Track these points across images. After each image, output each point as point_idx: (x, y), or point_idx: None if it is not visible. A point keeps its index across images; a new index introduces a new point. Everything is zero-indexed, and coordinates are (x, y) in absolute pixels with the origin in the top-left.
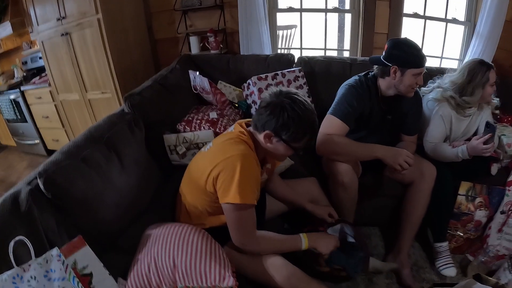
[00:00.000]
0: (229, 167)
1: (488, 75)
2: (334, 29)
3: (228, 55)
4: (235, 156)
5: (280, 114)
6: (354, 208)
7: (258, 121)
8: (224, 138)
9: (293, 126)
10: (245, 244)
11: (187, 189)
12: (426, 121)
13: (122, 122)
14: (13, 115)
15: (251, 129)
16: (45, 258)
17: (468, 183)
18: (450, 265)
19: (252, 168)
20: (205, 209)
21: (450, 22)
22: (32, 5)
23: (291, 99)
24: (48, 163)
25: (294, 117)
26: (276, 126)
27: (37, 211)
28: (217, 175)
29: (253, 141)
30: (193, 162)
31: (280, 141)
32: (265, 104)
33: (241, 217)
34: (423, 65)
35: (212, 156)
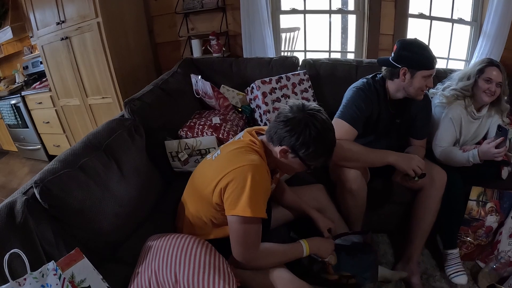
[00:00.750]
0: (239, 177)
1: (485, 68)
2: (337, 31)
3: (231, 59)
4: (247, 166)
5: (301, 132)
6: (362, 215)
7: (275, 134)
8: (234, 146)
9: (313, 145)
10: (247, 259)
11: (191, 198)
12: (435, 125)
13: (122, 129)
14: (14, 120)
15: (264, 139)
16: (41, 272)
17: (479, 188)
18: (461, 273)
19: (264, 180)
20: (209, 220)
21: (456, 23)
22: (32, 9)
23: (313, 117)
24: (44, 172)
25: (316, 136)
26: (295, 143)
27: (33, 222)
28: (225, 185)
29: (265, 151)
30: (198, 171)
31: (296, 157)
32: (285, 118)
33: (247, 231)
34: (433, 67)
35: (221, 165)
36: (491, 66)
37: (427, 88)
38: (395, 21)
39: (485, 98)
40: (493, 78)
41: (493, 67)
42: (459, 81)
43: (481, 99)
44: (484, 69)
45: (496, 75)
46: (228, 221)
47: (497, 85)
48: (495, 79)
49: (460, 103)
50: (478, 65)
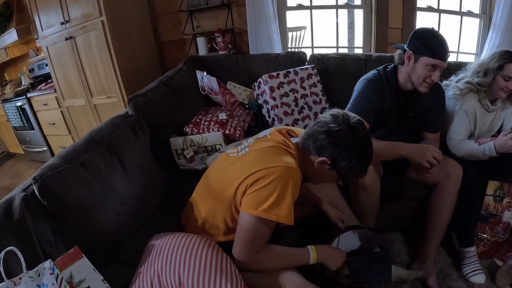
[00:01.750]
0: (271, 176)
1: (504, 65)
2: (344, 27)
3: (237, 55)
4: (281, 167)
5: (347, 146)
6: (376, 212)
7: (315, 143)
8: (265, 144)
9: (355, 160)
10: (246, 260)
11: (205, 198)
12: (449, 118)
13: (125, 125)
14: (20, 122)
15: (299, 143)
16: (37, 271)
17: (495, 182)
18: (478, 272)
19: (296, 185)
20: (224, 222)
21: (465, 15)
22: (36, 10)
23: (359, 131)
24: (44, 168)
25: (359, 151)
26: (337, 156)
27: (31, 219)
28: (252, 182)
29: (297, 155)
30: (215, 168)
31: (333, 169)
32: (329, 129)
33: (258, 233)
34: (438, 57)
35: (250, 162)
36: (511, 63)
37: (431, 82)
38: (404, 14)
39: (502, 95)
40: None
41: None
42: (475, 74)
43: (498, 95)
44: (504, 66)
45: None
46: (241, 217)
47: None
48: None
49: (474, 95)
50: (497, 60)
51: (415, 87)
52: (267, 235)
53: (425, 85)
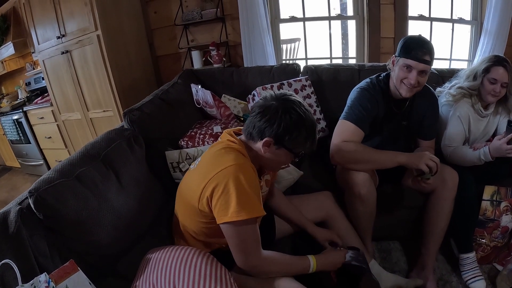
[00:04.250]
0: (223, 181)
1: (490, 67)
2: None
3: (231, 68)
4: (229, 168)
5: (281, 118)
6: (372, 222)
7: (254, 128)
8: (213, 150)
9: (296, 130)
10: (251, 266)
11: (181, 211)
12: (443, 124)
13: (121, 139)
14: (16, 136)
15: (243, 138)
16: (33, 284)
17: (492, 187)
18: (478, 278)
19: (250, 177)
20: (202, 232)
21: (457, 22)
22: (33, 24)
23: (290, 101)
24: (40, 181)
25: (297, 119)
26: (277, 132)
27: (26, 232)
28: (211, 193)
29: (247, 150)
30: (183, 182)
31: (280, 148)
32: (262, 109)
33: (244, 235)
34: (412, 58)
35: (202, 171)
36: (497, 66)
37: (409, 83)
38: (395, 23)
39: (490, 99)
40: (498, 79)
41: (499, 66)
42: (466, 79)
43: (486, 99)
44: (490, 68)
45: (502, 75)
46: (222, 229)
47: (502, 85)
48: (500, 80)
49: (467, 100)
50: (484, 63)
51: (398, 90)
52: (253, 232)
53: (404, 88)
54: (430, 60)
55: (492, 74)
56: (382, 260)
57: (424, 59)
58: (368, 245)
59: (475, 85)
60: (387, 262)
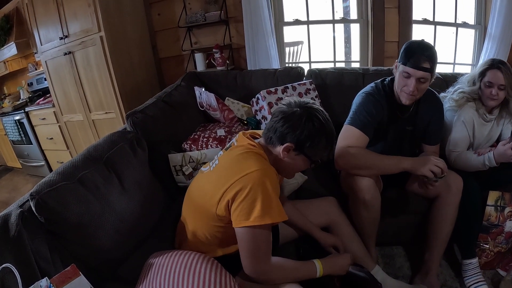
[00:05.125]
0: (248, 185)
1: (486, 71)
2: (340, 41)
3: (235, 71)
4: (255, 172)
5: (305, 125)
6: (377, 227)
7: (275, 133)
8: (233, 153)
9: (317, 137)
10: (260, 272)
11: (191, 216)
12: (447, 129)
13: (123, 141)
14: (18, 136)
15: (262, 142)
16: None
17: (496, 192)
18: (481, 284)
19: (275, 182)
20: (214, 237)
21: (461, 27)
22: (36, 25)
23: (313, 109)
24: (41, 184)
25: (320, 127)
26: (299, 138)
27: (27, 236)
28: (233, 196)
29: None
30: (195, 185)
31: (300, 154)
32: (285, 115)
33: (260, 241)
34: (411, 65)
35: (223, 174)
36: (492, 69)
37: (408, 91)
38: (400, 27)
39: (489, 103)
40: (493, 82)
41: (494, 69)
42: (468, 84)
43: (486, 103)
44: (486, 72)
45: (497, 78)
46: (237, 233)
47: (499, 88)
48: (496, 82)
49: (471, 105)
50: (481, 67)
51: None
52: (267, 238)
53: (404, 95)
54: (430, 68)
55: (487, 77)
56: (386, 266)
57: (422, 66)
58: (372, 251)
59: (474, 89)
60: (391, 268)
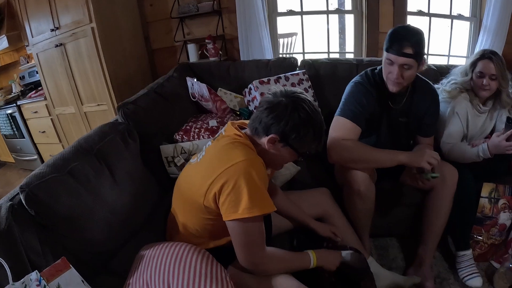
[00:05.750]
0: (234, 177)
1: (477, 62)
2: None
3: (228, 62)
4: (240, 163)
5: (290, 116)
6: (371, 218)
7: (260, 124)
8: (219, 144)
9: (303, 129)
10: (255, 264)
11: (181, 208)
12: (441, 121)
13: (115, 133)
14: (10, 130)
15: (248, 132)
16: (24, 282)
17: (490, 184)
18: (475, 275)
19: (261, 172)
20: (206, 230)
21: (456, 19)
22: (27, 17)
23: (300, 99)
24: (31, 177)
25: (306, 118)
26: (284, 129)
27: (18, 229)
28: (220, 189)
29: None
30: (183, 177)
31: (286, 146)
32: (270, 105)
33: (252, 233)
34: (392, 51)
35: (209, 166)
36: (483, 59)
37: (392, 77)
38: (394, 19)
39: (482, 93)
40: (484, 72)
41: (485, 60)
42: (461, 75)
43: (479, 94)
44: (477, 62)
45: (488, 68)
46: (228, 226)
47: (490, 78)
48: (487, 72)
49: (464, 96)
50: (472, 57)
51: None
52: (260, 229)
53: (390, 83)
54: (413, 53)
55: (479, 67)
56: (379, 257)
57: (404, 52)
58: (366, 242)
59: (465, 80)
60: (384, 259)
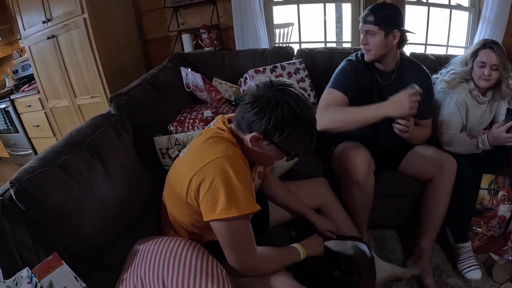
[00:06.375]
0: (210, 175)
1: (478, 51)
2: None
3: (223, 52)
4: (217, 160)
5: (273, 112)
6: (369, 209)
7: (243, 120)
8: (201, 139)
9: (288, 127)
10: (246, 267)
11: (169, 201)
12: (440, 112)
13: (107, 124)
14: (4, 125)
15: (233, 126)
16: (15, 280)
17: (490, 176)
18: (474, 268)
19: (240, 169)
20: (193, 225)
21: (455, 9)
22: (18, 10)
23: (286, 93)
24: (21, 171)
25: (291, 116)
26: (266, 127)
27: (8, 225)
28: (197, 187)
29: (237, 140)
30: (172, 170)
31: (270, 144)
32: (252, 99)
33: (236, 234)
34: (361, 21)
35: (190, 162)
36: (484, 49)
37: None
38: None
39: (482, 83)
40: (486, 61)
41: (486, 49)
42: (460, 65)
43: (478, 84)
44: (478, 52)
45: (490, 57)
46: (212, 227)
47: (491, 68)
48: (488, 62)
49: (464, 86)
50: (473, 47)
51: None
52: (245, 230)
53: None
54: (374, 20)
55: (480, 57)
56: (378, 249)
57: (367, 19)
58: (364, 234)
59: (465, 70)
60: (383, 251)
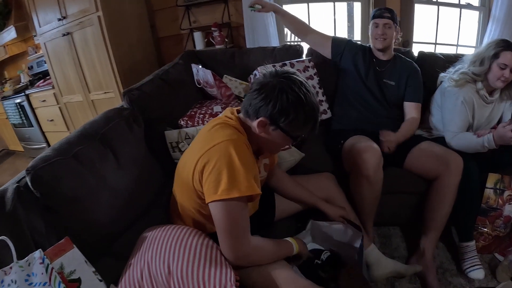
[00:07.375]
0: (214, 157)
1: (500, 53)
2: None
3: (233, 49)
4: (221, 143)
5: (278, 98)
6: (376, 206)
7: (250, 106)
8: (209, 126)
9: (293, 112)
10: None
11: (179, 191)
12: (446, 109)
13: (120, 118)
14: (19, 119)
15: (241, 115)
16: (28, 260)
17: (496, 175)
18: (477, 267)
19: (243, 153)
20: (197, 211)
21: (465, 8)
22: (34, 7)
23: (290, 80)
24: (37, 159)
25: (295, 100)
26: (272, 112)
27: (23, 210)
28: (202, 169)
29: (244, 128)
30: (181, 161)
31: (277, 129)
32: (259, 86)
33: (233, 217)
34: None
35: (197, 147)
36: (507, 51)
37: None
38: (401, 7)
39: (499, 84)
40: (508, 64)
41: (509, 51)
42: (471, 64)
43: (494, 84)
44: (499, 53)
45: (509, 59)
46: (211, 211)
47: (511, 70)
48: (510, 65)
49: (471, 86)
50: (492, 48)
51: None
52: (244, 216)
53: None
54: (391, 17)
55: (502, 59)
56: (382, 245)
57: (385, 15)
58: (369, 229)
59: (482, 70)
60: (387, 248)
